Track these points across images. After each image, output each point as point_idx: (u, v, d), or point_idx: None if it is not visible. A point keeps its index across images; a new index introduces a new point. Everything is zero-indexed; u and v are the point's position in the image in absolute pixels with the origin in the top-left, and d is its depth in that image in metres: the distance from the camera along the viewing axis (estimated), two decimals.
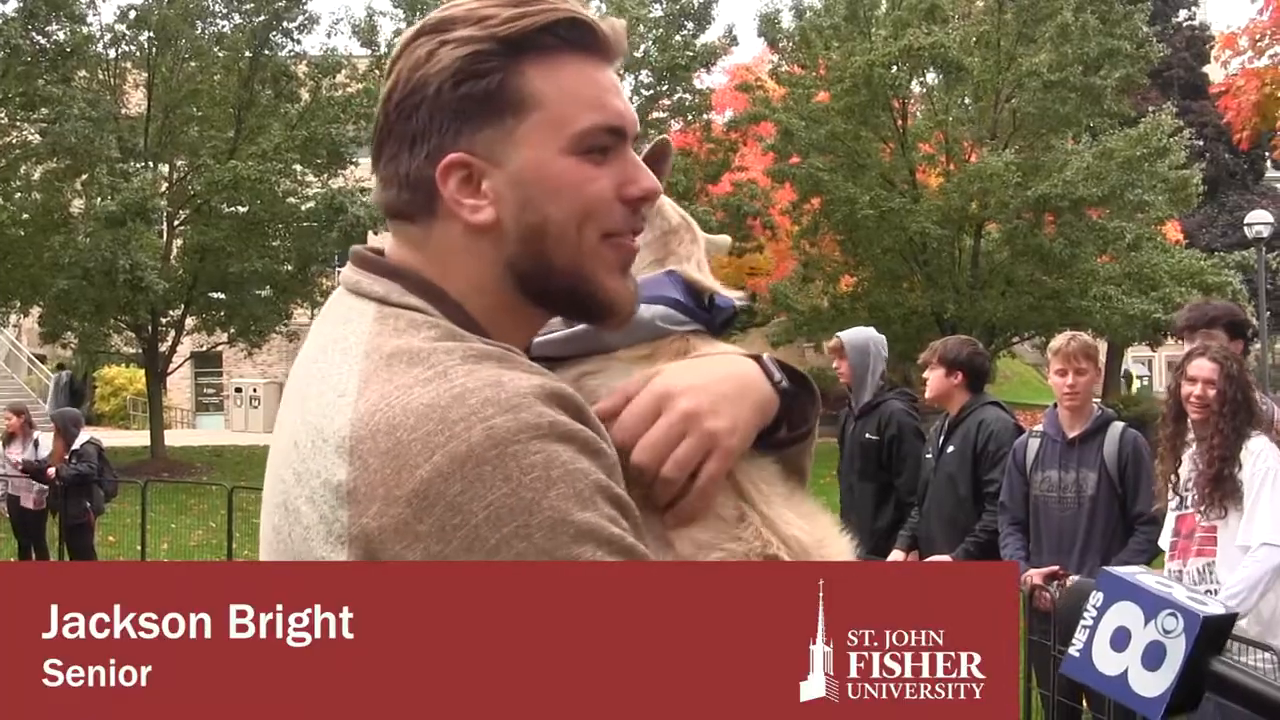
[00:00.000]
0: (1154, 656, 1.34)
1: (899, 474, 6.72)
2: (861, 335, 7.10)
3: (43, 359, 40.11)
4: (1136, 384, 51.18)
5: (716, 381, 1.41)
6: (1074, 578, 5.37)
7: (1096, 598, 1.40)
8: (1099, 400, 5.91)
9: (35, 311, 27.12)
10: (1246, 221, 26.43)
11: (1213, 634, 1.34)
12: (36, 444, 12.57)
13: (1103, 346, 26.30)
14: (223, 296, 26.45)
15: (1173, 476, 4.92)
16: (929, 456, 6.52)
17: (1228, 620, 1.37)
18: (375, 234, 29.64)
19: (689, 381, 1.39)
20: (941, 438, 6.44)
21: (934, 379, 6.41)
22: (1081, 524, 5.57)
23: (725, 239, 1.80)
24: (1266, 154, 35.67)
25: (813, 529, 1.43)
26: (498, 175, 1.27)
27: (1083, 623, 1.41)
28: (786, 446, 1.49)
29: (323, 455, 1.18)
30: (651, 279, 1.54)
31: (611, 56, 1.33)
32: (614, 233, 1.31)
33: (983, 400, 6.51)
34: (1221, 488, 4.67)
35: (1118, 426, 5.66)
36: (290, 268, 25.78)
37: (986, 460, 6.19)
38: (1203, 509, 4.75)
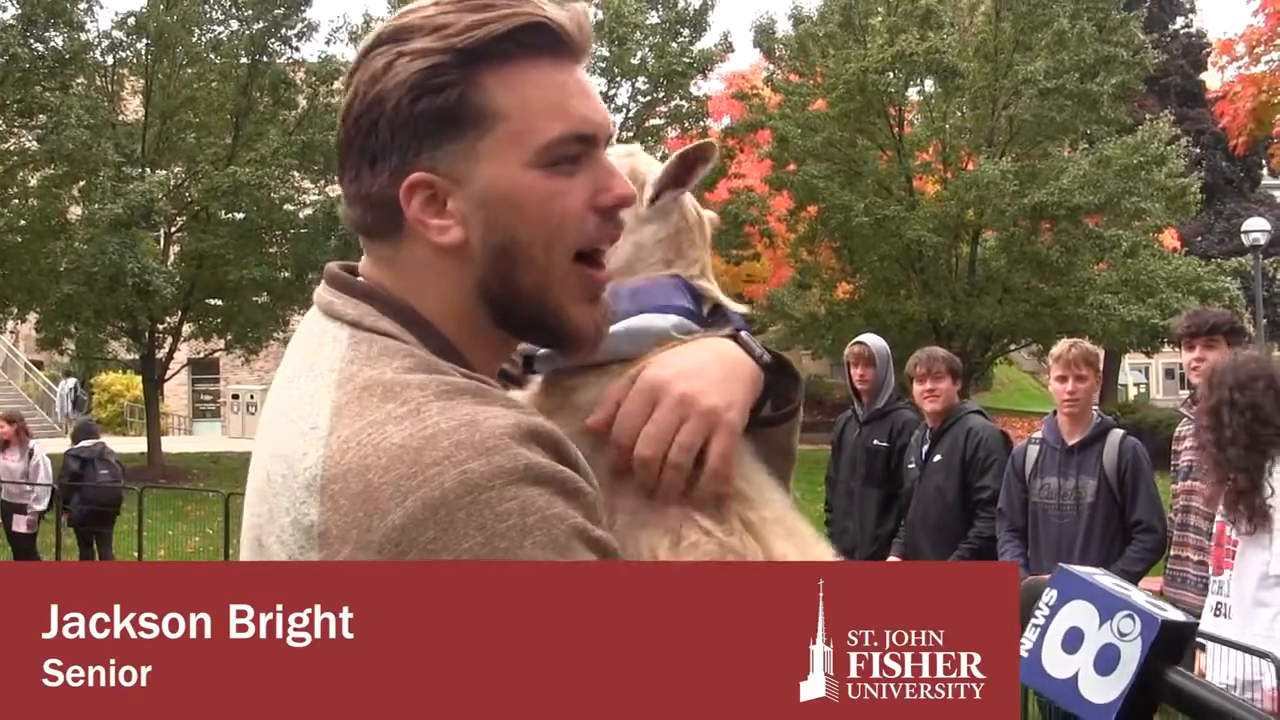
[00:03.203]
0: (1107, 660, 1.28)
1: (904, 483, 6.71)
2: (883, 343, 7.11)
3: (40, 365, 40.09)
4: (1134, 391, 51.22)
5: (704, 363, 1.39)
6: None
7: (1050, 595, 1.35)
8: (1098, 408, 5.90)
9: (32, 318, 27.13)
10: (1243, 229, 26.47)
11: (1171, 641, 1.27)
12: (31, 453, 12.54)
13: (1100, 353, 26.33)
14: (220, 303, 26.48)
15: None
16: (911, 466, 6.51)
17: (1188, 628, 1.30)
18: None
19: (676, 368, 1.38)
20: (926, 447, 6.43)
21: (946, 389, 6.38)
22: (1080, 531, 5.56)
23: (713, 215, 1.71)
24: (1263, 161, 35.69)
25: (798, 553, 1.39)
26: (462, 194, 1.22)
27: (1033, 621, 1.34)
28: (775, 424, 1.48)
29: (293, 492, 1.16)
30: (659, 285, 1.50)
31: (579, 54, 1.27)
32: (587, 249, 1.27)
33: (966, 409, 6.52)
34: (1244, 502, 4.56)
35: (1117, 434, 5.65)
36: (288, 274, 25.77)
37: (976, 467, 6.19)
38: (1232, 521, 4.65)
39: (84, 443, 12.68)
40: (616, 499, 1.34)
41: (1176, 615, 1.30)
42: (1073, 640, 1.32)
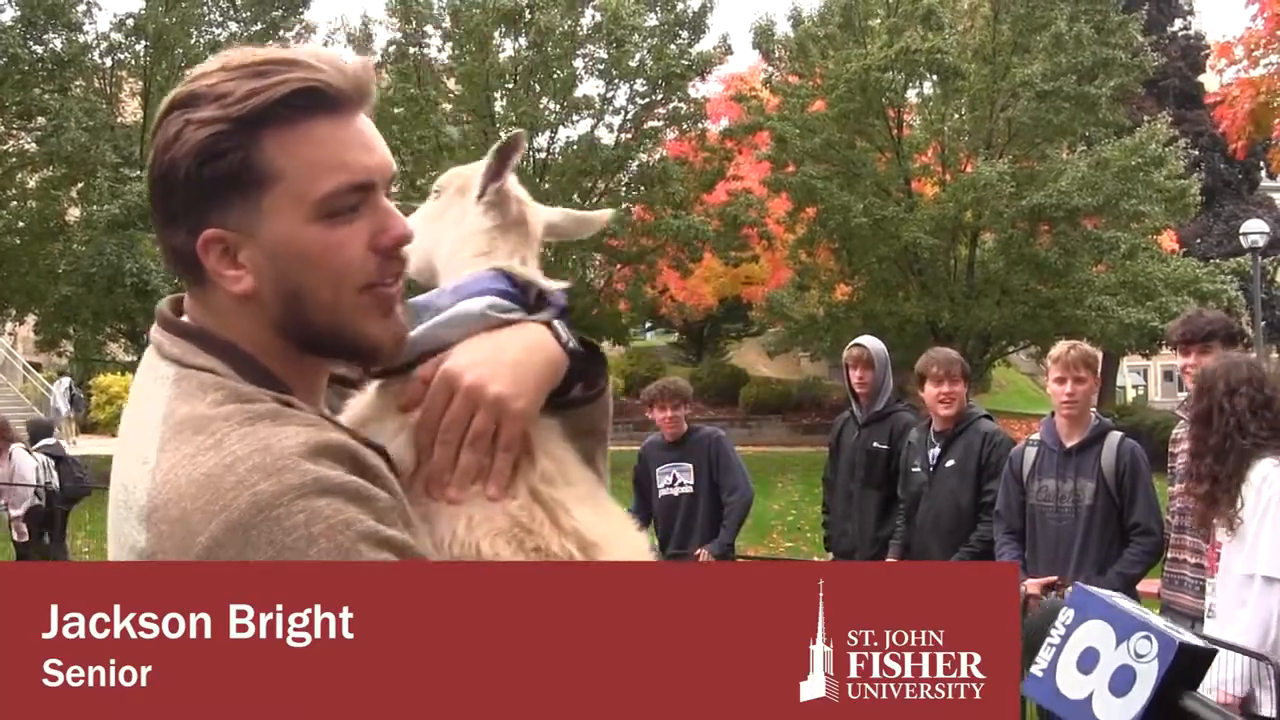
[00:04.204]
0: (1123, 681, 1.27)
1: (911, 485, 6.66)
2: (881, 345, 7.09)
3: (38, 367, 40.05)
4: (1132, 393, 51.19)
5: (501, 350, 1.50)
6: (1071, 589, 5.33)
7: (1066, 615, 1.35)
8: (1096, 409, 5.88)
9: (31, 319, 27.10)
10: (1242, 231, 26.48)
11: (1188, 665, 1.26)
12: (10, 456, 12.46)
13: (1098, 355, 26.25)
14: None
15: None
16: (916, 470, 6.48)
17: (1206, 654, 1.29)
18: None
19: (473, 357, 1.49)
20: (935, 451, 6.40)
21: (961, 393, 6.32)
22: (1078, 534, 5.53)
23: (602, 214, 1.84)
24: (1261, 163, 35.70)
25: (602, 526, 1.46)
26: (252, 246, 1.34)
27: (1049, 640, 1.35)
28: (579, 406, 1.59)
29: (130, 521, 1.26)
30: (477, 277, 1.61)
31: (358, 105, 1.38)
32: (372, 284, 1.38)
33: (976, 413, 6.47)
34: (1212, 506, 4.54)
35: (1115, 436, 5.62)
36: None
37: (989, 471, 6.13)
38: (1212, 524, 4.66)
39: (45, 441, 12.69)
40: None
41: (1195, 640, 1.28)
42: (1088, 660, 1.31)
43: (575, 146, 27.98)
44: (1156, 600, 5.66)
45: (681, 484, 7.34)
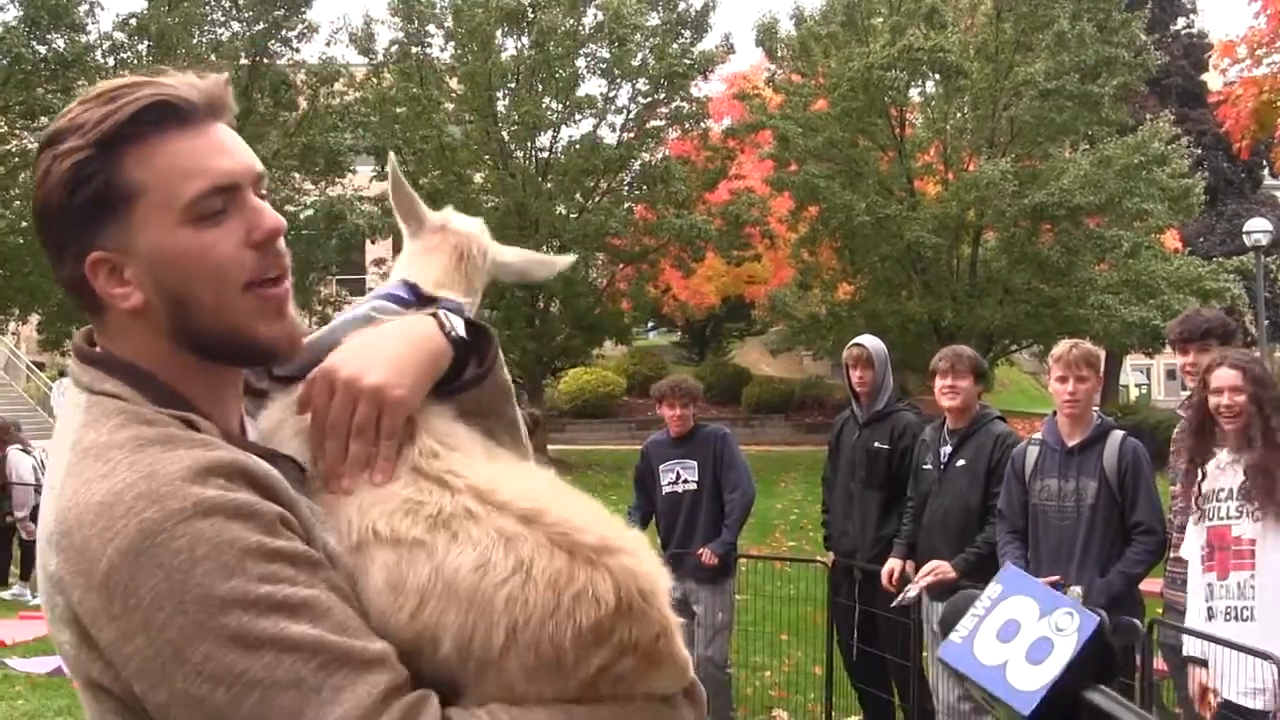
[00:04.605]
0: (1039, 652, 1.31)
1: (922, 484, 6.62)
2: (881, 344, 7.07)
3: (41, 366, 40.07)
4: (1135, 392, 51.15)
5: (379, 343, 1.55)
6: (1075, 589, 5.32)
7: (995, 589, 1.39)
8: (1098, 408, 5.87)
9: (34, 319, 27.08)
10: (1245, 229, 26.44)
11: (1101, 654, 1.29)
12: (3, 460, 12.44)
13: (1100, 354, 26.14)
14: None
15: (1194, 489, 4.84)
16: (927, 467, 6.46)
17: (1118, 652, 1.31)
18: (373, 243, 29.62)
19: (351, 352, 1.54)
20: (948, 449, 6.38)
21: (968, 389, 6.31)
22: (1081, 533, 5.51)
23: (563, 260, 1.92)
24: (1264, 162, 35.66)
25: (492, 473, 1.49)
26: (134, 262, 1.41)
27: (973, 611, 1.39)
28: (465, 389, 1.63)
29: (43, 548, 1.34)
30: (384, 286, 1.74)
31: (213, 116, 1.46)
32: (252, 281, 1.44)
33: (990, 414, 6.44)
34: (1274, 494, 4.54)
35: (1117, 435, 5.60)
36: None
37: (999, 474, 6.08)
38: (1252, 517, 4.63)
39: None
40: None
41: (1119, 630, 1.31)
42: (1009, 631, 1.35)
43: (578, 146, 27.97)
44: (1159, 599, 5.65)
45: (685, 481, 7.33)
